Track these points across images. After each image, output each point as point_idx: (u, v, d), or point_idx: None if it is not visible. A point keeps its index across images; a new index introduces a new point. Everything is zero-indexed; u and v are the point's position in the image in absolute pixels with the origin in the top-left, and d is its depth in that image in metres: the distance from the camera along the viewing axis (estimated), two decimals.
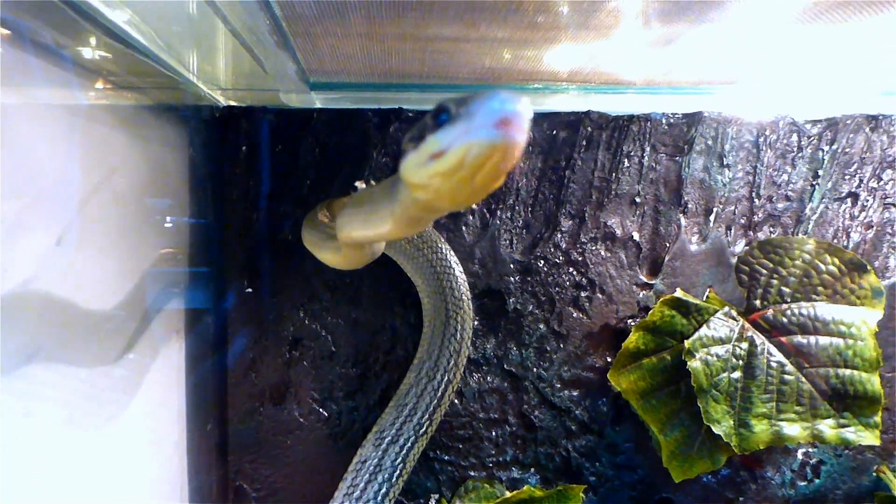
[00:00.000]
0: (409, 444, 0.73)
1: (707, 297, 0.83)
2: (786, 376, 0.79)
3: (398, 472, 0.73)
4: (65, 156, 0.55)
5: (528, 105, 0.38)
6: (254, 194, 0.82)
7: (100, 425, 0.62)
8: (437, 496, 0.82)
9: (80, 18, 0.53)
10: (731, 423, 0.78)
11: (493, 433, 0.82)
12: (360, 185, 0.82)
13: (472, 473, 0.82)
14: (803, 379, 0.79)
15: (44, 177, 0.52)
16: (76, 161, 0.57)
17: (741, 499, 0.87)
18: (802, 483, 0.88)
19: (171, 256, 0.79)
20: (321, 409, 0.80)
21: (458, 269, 0.77)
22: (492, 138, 0.37)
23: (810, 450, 0.88)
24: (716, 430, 0.77)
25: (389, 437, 0.74)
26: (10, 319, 0.48)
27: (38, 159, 0.51)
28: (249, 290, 0.81)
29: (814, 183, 0.90)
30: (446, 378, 0.75)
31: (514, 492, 0.70)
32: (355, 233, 0.56)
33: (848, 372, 0.78)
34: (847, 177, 0.90)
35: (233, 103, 0.85)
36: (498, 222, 0.83)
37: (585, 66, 0.82)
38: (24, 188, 0.49)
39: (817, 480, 0.88)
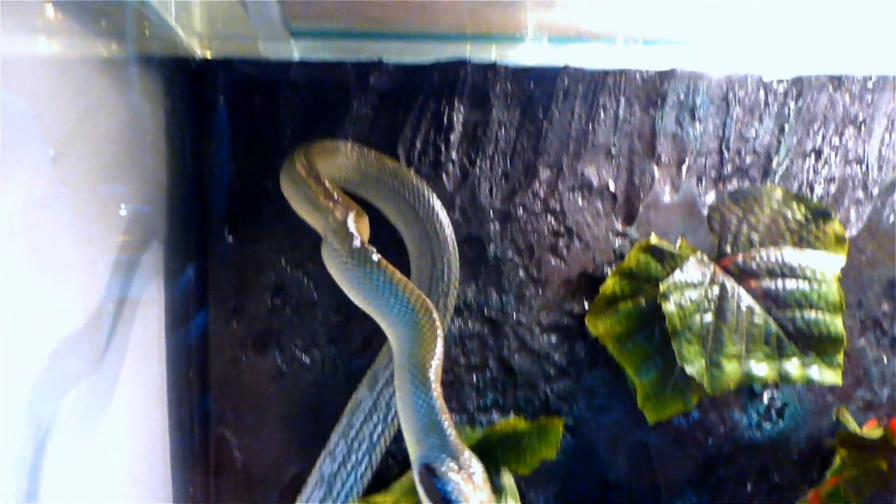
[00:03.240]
0: None
1: (679, 244, 0.86)
2: (755, 318, 0.82)
3: (394, 412, 0.74)
4: (41, 103, 0.53)
5: None
6: (233, 145, 0.82)
7: (78, 375, 0.61)
8: None
9: None
10: (703, 363, 0.81)
11: (474, 378, 0.84)
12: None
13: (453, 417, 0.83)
14: (771, 321, 0.82)
15: (16, 126, 0.50)
16: (51, 109, 0.55)
17: (710, 440, 0.90)
18: (768, 425, 0.92)
19: (149, 206, 0.78)
20: (304, 357, 0.80)
21: (443, 213, 0.78)
22: None
23: (775, 394, 0.92)
24: (688, 370, 0.80)
25: (384, 380, 0.75)
26: None
27: (10, 109, 0.49)
28: (230, 239, 0.80)
29: (780, 138, 0.93)
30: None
31: (501, 422, 0.71)
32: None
33: (813, 314, 0.82)
34: (811, 133, 0.94)
35: (209, 54, 0.84)
36: (478, 171, 0.84)
37: (561, 19, 0.84)
38: None
39: (782, 423, 0.92)
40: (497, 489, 0.80)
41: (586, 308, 0.86)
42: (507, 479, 0.81)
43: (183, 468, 0.81)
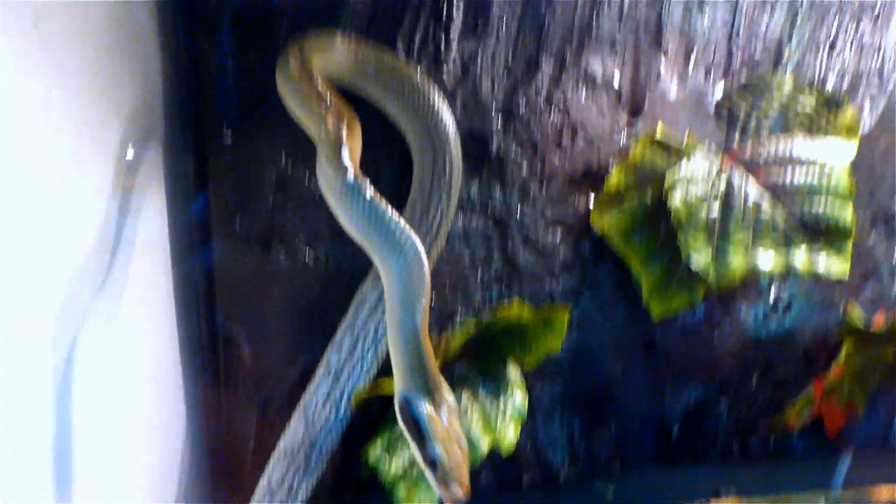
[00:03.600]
0: None
1: (686, 138, 0.84)
2: (762, 211, 0.81)
3: None
4: None
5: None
6: (231, 41, 0.80)
7: (81, 276, 0.61)
8: None
9: None
10: (709, 256, 0.80)
11: (479, 274, 0.84)
12: None
13: (457, 318, 0.84)
14: (779, 213, 0.81)
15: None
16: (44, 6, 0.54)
17: (716, 335, 0.91)
18: (774, 321, 0.92)
19: (146, 105, 0.77)
20: (308, 253, 0.80)
21: (445, 108, 0.76)
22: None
23: (782, 290, 0.91)
24: (693, 263, 0.79)
25: None
26: None
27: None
28: (229, 137, 0.79)
29: (791, 30, 0.90)
30: (439, 215, 0.75)
31: (505, 307, 0.72)
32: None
33: (822, 205, 0.81)
34: (825, 24, 0.91)
35: None
36: (479, 66, 0.82)
37: None
38: None
39: (788, 318, 0.92)
40: (504, 383, 0.82)
41: (591, 204, 0.85)
42: (514, 373, 0.82)
43: (192, 366, 0.83)
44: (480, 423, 0.79)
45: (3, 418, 0.47)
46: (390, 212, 0.66)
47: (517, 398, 0.81)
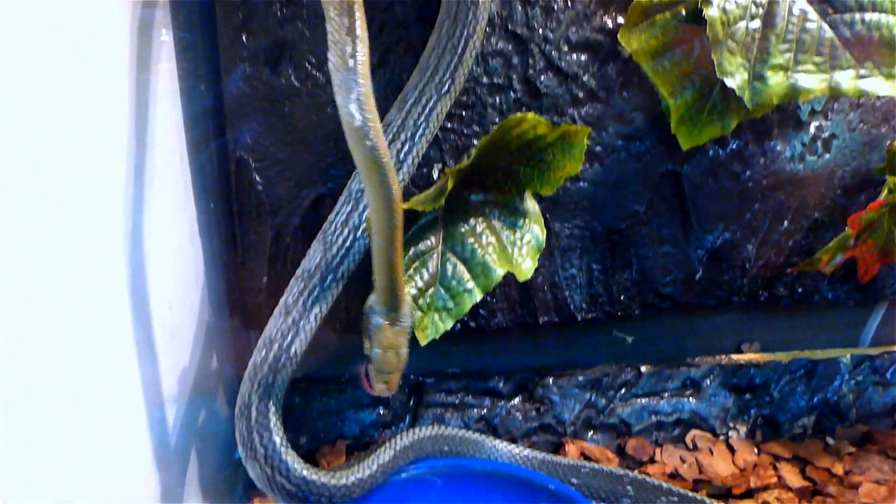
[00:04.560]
0: (430, 104, 0.72)
1: None
2: (808, 24, 0.74)
3: (420, 130, 0.73)
4: None
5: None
6: None
7: (93, 131, 0.58)
8: (440, 165, 0.81)
9: None
10: (746, 76, 0.74)
11: (497, 99, 0.80)
12: None
13: (474, 142, 0.81)
14: (826, 26, 0.74)
15: None
16: None
17: (748, 172, 0.86)
18: (812, 157, 0.87)
19: None
20: (319, 73, 0.77)
21: None
22: None
23: (823, 122, 0.85)
24: (729, 82, 0.73)
25: (412, 100, 0.73)
26: None
27: None
28: None
29: None
30: (465, 33, 0.71)
31: (515, 116, 0.68)
32: None
33: (875, 16, 0.73)
34: None
35: None
36: None
37: None
38: None
39: (827, 155, 0.87)
40: (522, 214, 0.79)
41: (619, 24, 0.79)
42: (531, 205, 0.79)
43: (203, 195, 0.81)
44: (496, 253, 0.77)
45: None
46: (386, 156, 0.59)
47: (535, 230, 0.78)
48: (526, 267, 0.77)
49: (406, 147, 0.74)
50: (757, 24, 0.74)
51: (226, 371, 0.90)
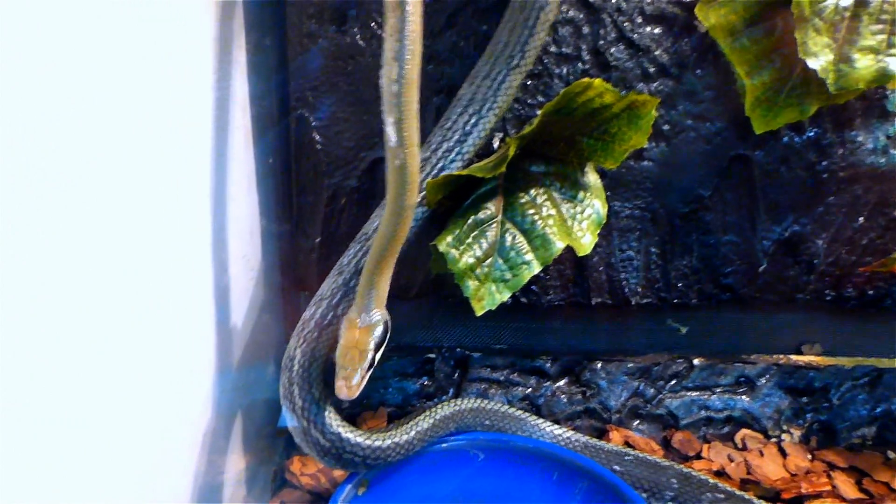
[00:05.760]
0: (500, 78, 0.72)
1: None
2: None
3: (489, 104, 0.72)
4: None
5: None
6: None
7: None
8: (500, 135, 0.80)
9: None
10: (831, 57, 0.70)
11: (564, 70, 0.78)
12: None
13: (537, 112, 0.78)
14: None
15: None
16: None
17: (824, 162, 0.82)
18: None
19: None
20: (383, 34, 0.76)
21: None
22: None
23: None
24: (811, 63, 0.70)
25: (483, 74, 0.73)
26: None
27: None
28: None
29: None
30: (537, 5, 0.70)
31: (580, 82, 0.65)
32: None
33: None
34: None
35: None
36: None
37: None
38: None
39: None
40: (583, 187, 0.77)
41: None
42: (593, 178, 0.77)
43: (263, 151, 0.82)
44: (556, 226, 0.75)
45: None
46: (415, 174, 0.61)
47: (596, 204, 0.76)
48: (586, 241, 0.75)
49: (473, 120, 0.73)
50: (848, 1, 0.70)
51: (276, 333, 0.90)
